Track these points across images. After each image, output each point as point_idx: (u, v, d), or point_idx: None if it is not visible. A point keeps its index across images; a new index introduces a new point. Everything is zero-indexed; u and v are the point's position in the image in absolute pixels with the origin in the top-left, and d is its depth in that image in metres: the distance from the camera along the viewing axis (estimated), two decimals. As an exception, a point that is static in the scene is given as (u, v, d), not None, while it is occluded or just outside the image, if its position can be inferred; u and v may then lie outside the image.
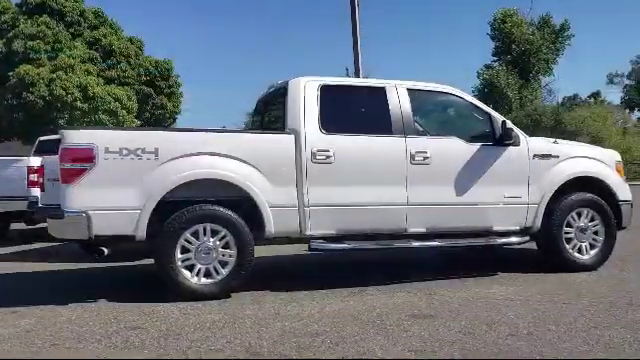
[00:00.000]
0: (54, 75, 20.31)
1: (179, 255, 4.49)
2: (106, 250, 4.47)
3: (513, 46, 35.90)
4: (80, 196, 4.27)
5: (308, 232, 4.80)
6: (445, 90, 5.54)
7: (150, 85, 23.94)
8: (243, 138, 4.93)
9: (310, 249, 4.84)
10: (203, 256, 4.54)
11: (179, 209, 4.49)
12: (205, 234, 4.55)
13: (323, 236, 4.86)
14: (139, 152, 4.38)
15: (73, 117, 19.68)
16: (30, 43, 21.66)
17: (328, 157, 4.84)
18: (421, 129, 5.40)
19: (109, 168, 4.32)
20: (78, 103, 19.98)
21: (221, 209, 4.57)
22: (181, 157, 4.49)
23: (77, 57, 21.25)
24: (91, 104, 20.20)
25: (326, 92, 5.03)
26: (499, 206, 5.23)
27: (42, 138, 11.11)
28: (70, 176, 4.29)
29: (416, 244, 5.09)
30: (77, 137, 4.35)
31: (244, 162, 4.65)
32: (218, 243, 4.58)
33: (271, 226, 4.68)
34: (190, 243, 4.52)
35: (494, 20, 36.47)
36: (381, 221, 4.99)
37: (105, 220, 4.31)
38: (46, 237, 5.13)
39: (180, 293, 4.45)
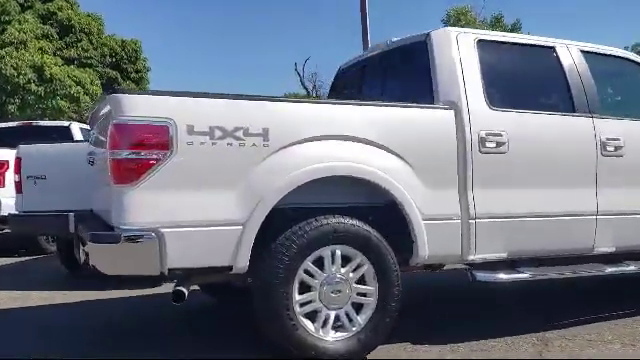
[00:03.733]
0: (2, 52, 18.02)
1: (296, 296, 3.06)
2: (186, 292, 2.97)
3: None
4: (147, 205, 2.76)
5: (473, 256, 3.44)
6: (623, 55, 4.32)
7: (116, 68, 21.88)
8: (388, 114, 3.40)
9: (473, 279, 3.48)
10: (332, 296, 3.12)
11: (292, 222, 3.07)
12: (333, 262, 3.14)
13: (489, 261, 3.53)
14: (240, 134, 2.92)
15: (26, 102, 17.54)
16: (-30, 14, 19.34)
17: (500, 144, 3.49)
18: (606, 107, 4.13)
19: (193, 159, 2.84)
20: (32, 86, 17.79)
21: (357, 222, 3.17)
22: (300, 142, 3.05)
23: (29, 32, 19.06)
24: (48, 87, 18.03)
25: (485, 50, 3.70)
26: None
27: (-1, 125, 9.45)
28: (129, 172, 2.76)
29: (610, 270, 3.82)
30: (142, 107, 2.81)
31: (388, 151, 3.25)
32: (351, 276, 3.18)
33: (424, 248, 3.30)
34: (312, 276, 3.09)
35: (448, 17, 36.46)
36: (565, 239, 3.69)
37: (187, 243, 2.82)
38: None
39: (299, 355, 3.03)
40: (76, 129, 10.30)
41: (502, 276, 3.51)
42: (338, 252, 3.13)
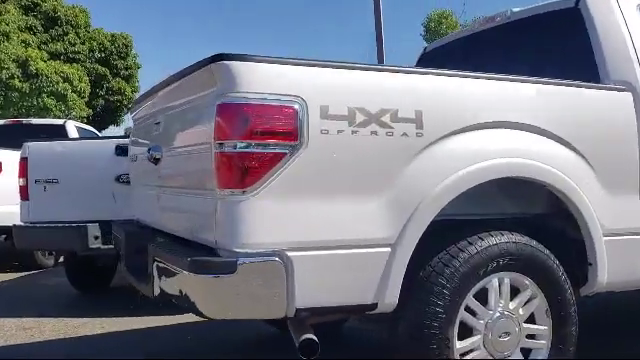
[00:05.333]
0: (-17, 45, 17.03)
1: (457, 344, 2.28)
2: (315, 339, 2.17)
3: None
4: (269, 218, 1.97)
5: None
6: None
7: (105, 64, 20.83)
8: (564, 96, 2.62)
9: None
10: (498, 341, 2.35)
11: (450, 241, 2.30)
12: (501, 295, 2.38)
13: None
14: (387, 119, 2.13)
15: (9, 100, 16.47)
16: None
17: (689, 138, 2.77)
18: None
19: (328, 155, 2.05)
20: (16, 82, 16.72)
21: (532, 242, 2.41)
22: (463, 131, 2.28)
23: (11, 23, 18.00)
24: (33, 84, 16.98)
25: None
26: None
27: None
28: (246, 172, 1.95)
29: None
30: (264, 79, 2.00)
31: (564, 143, 2.51)
32: (521, 312, 2.42)
33: (604, 272, 2.55)
34: (474, 314, 2.33)
35: (429, 21, 36.14)
36: None
37: (321, 272, 2.03)
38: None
39: None
40: (72, 127, 9.54)
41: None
42: (507, 281, 2.37)
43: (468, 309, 2.30)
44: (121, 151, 4.89)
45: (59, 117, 16.03)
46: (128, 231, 3.02)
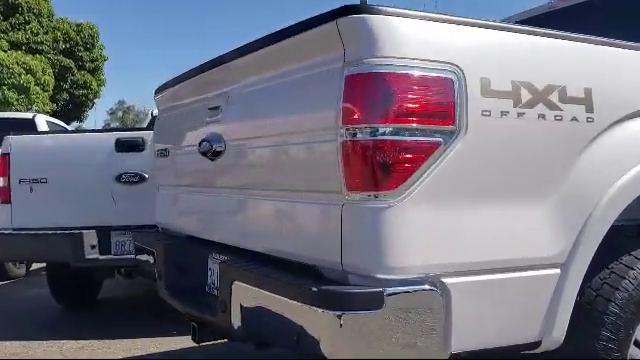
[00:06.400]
0: None
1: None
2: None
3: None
4: (419, 233, 1.46)
5: None
6: None
7: (69, 56, 19.75)
8: None
9: None
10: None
11: (610, 254, 1.83)
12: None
13: None
14: (554, 98, 1.62)
15: (-35, 93, 15.38)
16: None
17: None
18: None
19: (490, 144, 1.55)
20: (-27, 73, 15.65)
21: None
22: (637, 116, 1.81)
23: (-33, 11, 16.86)
24: (-8, 75, 15.94)
25: None
26: None
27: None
28: (388, 170, 1.43)
29: None
30: (409, 41, 1.47)
31: None
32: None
33: None
34: (643, 350, 1.87)
35: None
36: None
37: (482, 305, 1.53)
38: None
39: None
40: (42, 122, 8.84)
41: None
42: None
43: (637, 343, 1.84)
44: (122, 146, 4.29)
45: (21, 112, 15.05)
46: (168, 244, 2.44)
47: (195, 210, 2.45)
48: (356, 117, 1.45)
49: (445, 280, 1.47)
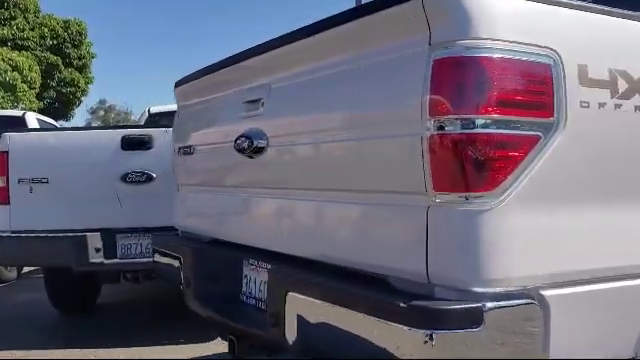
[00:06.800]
0: None
1: None
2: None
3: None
4: (519, 240, 1.29)
5: None
6: None
7: (57, 53, 19.36)
8: None
9: None
10: None
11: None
12: None
13: None
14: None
15: (-51, 91, 14.95)
16: None
17: None
18: None
19: (590, 139, 1.38)
20: (-43, 70, 15.24)
21: None
22: None
23: (-50, 5, 16.43)
24: (-23, 72, 15.52)
25: None
26: None
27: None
28: (485, 168, 1.26)
29: None
30: (505, 22, 1.29)
31: None
32: None
33: None
34: None
35: None
36: None
37: (582, 319, 1.36)
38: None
39: None
40: (32, 119, 8.67)
41: None
42: None
43: None
44: (129, 144, 4.09)
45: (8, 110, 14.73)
46: (197, 248, 2.26)
47: (227, 212, 2.25)
48: (445, 107, 1.28)
49: (544, 292, 1.31)
